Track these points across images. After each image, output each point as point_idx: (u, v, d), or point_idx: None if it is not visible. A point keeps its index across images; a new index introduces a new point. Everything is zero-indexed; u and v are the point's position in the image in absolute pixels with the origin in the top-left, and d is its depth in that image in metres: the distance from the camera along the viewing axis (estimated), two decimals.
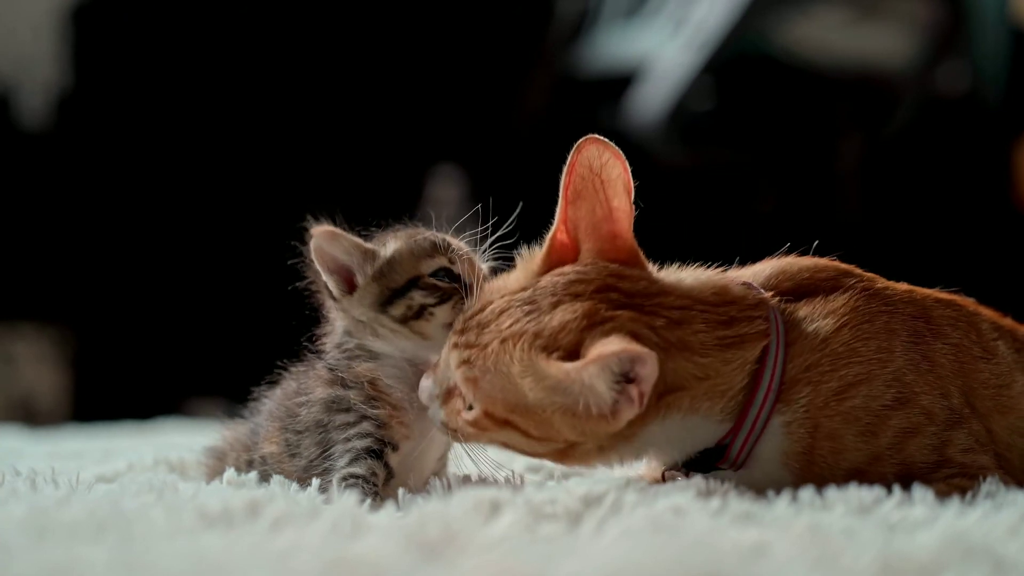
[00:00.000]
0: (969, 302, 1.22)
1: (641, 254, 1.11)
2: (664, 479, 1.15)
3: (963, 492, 1.05)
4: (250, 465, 1.25)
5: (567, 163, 1.08)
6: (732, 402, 1.07)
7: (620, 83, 3.44)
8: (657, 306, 1.06)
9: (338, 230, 1.21)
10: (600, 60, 3.58)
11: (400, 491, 1.10)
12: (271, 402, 1.26)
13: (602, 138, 1.07)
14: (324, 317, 1.25)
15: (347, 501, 1.01)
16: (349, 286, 1.20)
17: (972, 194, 3.62)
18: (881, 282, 1.17)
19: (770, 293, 1.13)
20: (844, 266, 1.18)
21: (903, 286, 1.18)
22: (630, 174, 1.08)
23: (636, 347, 0.98)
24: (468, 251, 1.20)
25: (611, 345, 0.99)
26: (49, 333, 3.74)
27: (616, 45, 3.55)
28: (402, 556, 0.81)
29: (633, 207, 1.09)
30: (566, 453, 1.08)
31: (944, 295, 1.20)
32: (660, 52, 3.38)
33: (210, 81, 3.76)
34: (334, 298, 1.21)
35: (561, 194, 1.09)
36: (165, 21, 3.77)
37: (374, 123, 3.79)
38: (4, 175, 3.74)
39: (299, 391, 1.23)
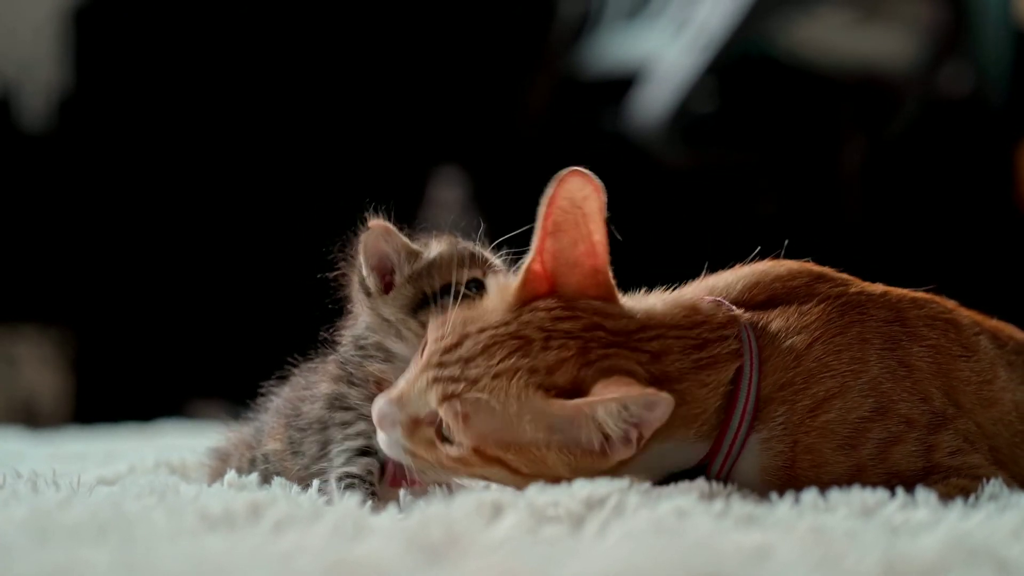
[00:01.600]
0: (950, 303, 1.21)
1: (615, 287, 1.09)
2: None
3: (966, 494, 1.05)
4: (252, 463, 1.25)
5: (547, 194, 1.05)
6: (706, 426, 1.06)
7: (622, 85, 3.44)
8: (639, 341, 1.05)
9: (392, 227, 1.19)
10: (602, 62, 3.58)
11: (401, 492, 1.09)
12: (279, 399, 1.26)
13: (585, 171, 1.05)
14: (347, 310, 1.24)
15: (349, 503, 1.01)
16: (386, 285, 1.19)
17: (975, 195, 3.62)
18: (856, 286, 1.16)
19: (742, 309, 1.11)
20: (817, 269, 1.17)
21: (878, 288, 1.17)
22: (606, 204, 1.06)
23: (656, 392, 0.98)
24: (501, 267, 1.19)
25: (628, 389, 0.99)
26: (50, 335, 3.74)
27: (618, 47, 3.55)
28: (404, 558, 0.81)
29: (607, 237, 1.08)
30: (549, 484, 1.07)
31: (921, 295, 1.19)
32: (662, 54, 3.38)
33: (212, 83, 3.77)
34: (368, 294, 1.19)
35: (539, 224, 1.06)
36: (166, 23, 3.77)
37: (376, 125, 3.79)
38: (5, 177, 3.74)
39: (307, 387, 1.23)
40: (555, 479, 1.04)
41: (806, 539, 0.85)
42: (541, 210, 1.06)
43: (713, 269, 1.18)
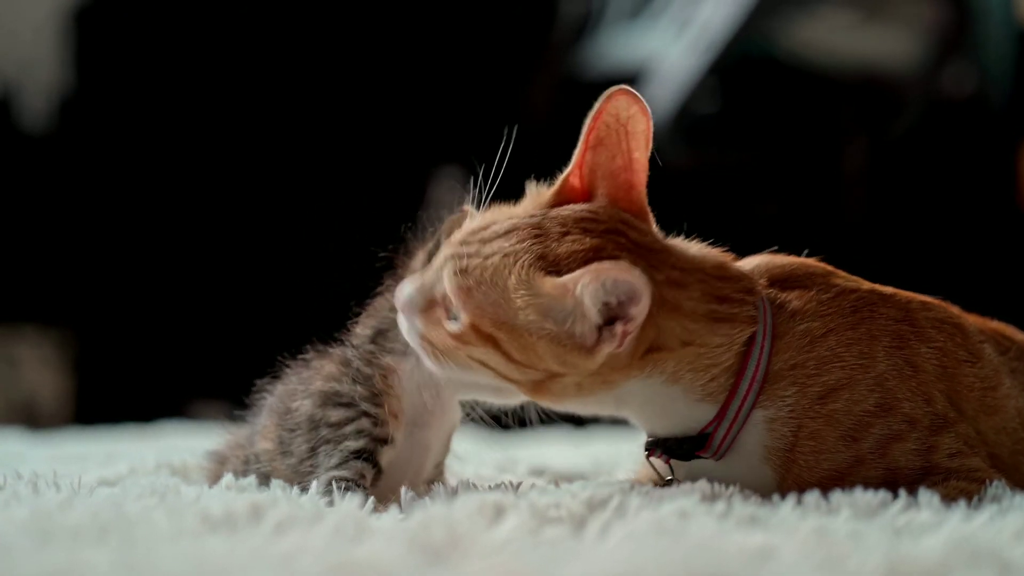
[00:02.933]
0: (954, 308, 1.21)
1: (649, 212, 1.12)
2: (651, 465, 1.15)
3: (968, 496, 1.05)
4: (246, 463, 1.24)
5: (594, 109, 1.08)
6: (715, 382, 1.07)
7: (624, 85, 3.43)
8: (660, 262, 1.07)
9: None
10: (604, 62, 3.58)
11: (403, 492, 1.09)
12: (272, 397, 1.25)
13: (632, 90, 1.08)
14: (364, 304, 1.23)
15: (350, 504, 1.01)
16: None
17: (977, 196, 3.61)
18: (867, 285, 1.17)
19: (763, 281, 1.13)
20: (830, 268, 1.18)
21: (888, 289, 1.17)
22: (652, 131, 1.09)
23: (636, 276, 0.99)
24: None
25: (615, 266, 1.00)
26: (51, 336, 3.74)
27: (620, 47, 3.55)
28: (405, 559, 0.81)
29: (648, 165, 1.10)
30: (543, 385, 1.08)
31: (929, 299, 1.20)
32: (664, 54, 3.38)
33: (213, 83, 3.76)
34: None
35: (582, 138, 1.10)
36: (168, 23, 3.77)
37: (377, 125, 3.79)
38: (6, 177, 3.74)
39: (299, 383, 1.22)
40: (547, 374, 1.05)
41: (809, 540, 0.85)
42: (585, 124, 1.09)
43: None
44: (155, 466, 1.47)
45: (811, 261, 1.18)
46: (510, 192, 1.14)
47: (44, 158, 3.75)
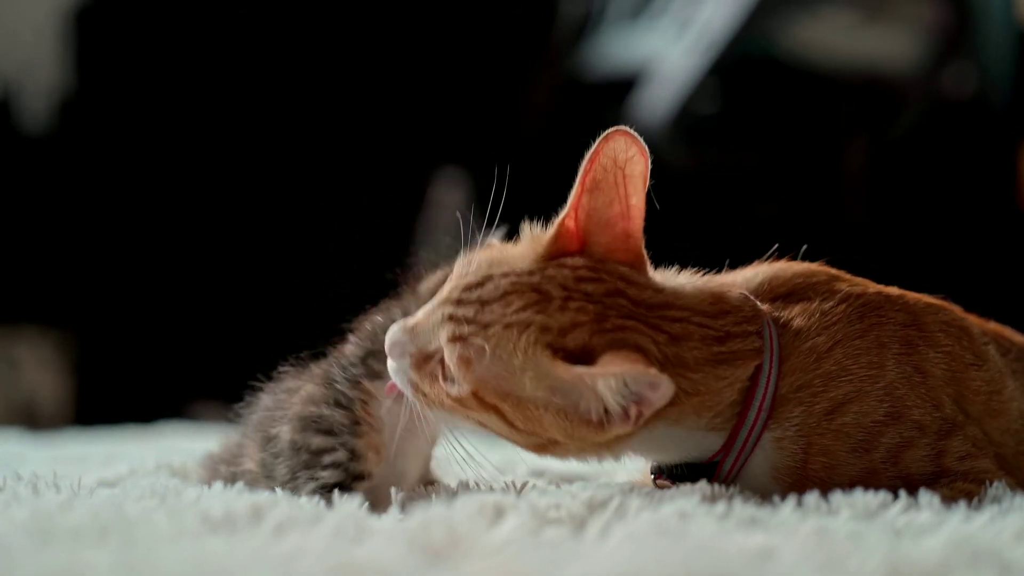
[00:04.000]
0: (957, 309, 1.21)
1: (646, 256, 1.10)
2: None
3: (969, 497, 1.05)
4: (234, 479, 1.23)
5: (591, 150, 1.05)
6: (719, 418, 1.06)
7: (625, 85, 3.43)
8: (660, 319, 1.05)
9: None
10: (605, 62, 3.58)
11: (402, 495, 1.09)
12: (259, 412, 1.22)
13: (631, 131, 1.06)
14: (356, 322, 1.20)
15: (350, 505, 1.01)
16: None
17: (978, 197, 3.61)
18: (873, 287, 1.15)
19: (766, 305, 1.11)
20: (834, 271, 1.17)
21: (895, 291, 1.16)
22: (649, 172, 1.07)
23: (658, 374, 0.98)
24: None
25: (634, 366, 0.98)
26: (51, 337, 3.74)
27: (621, 47, 3.55)
28: (406, 560, 0.81)
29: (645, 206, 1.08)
30: (544, 448, 1.07)
31: (934, 300, 1.19)
32: (665, 54, 3.38)
33: (213, 84, 3.76)
34: None
35: (579, 180, 1.07)
36: (168, 24, 3.77)
37: (377, 125, 3.79)
38: (6, 178, 3.73)
39: (276, 407, 1.19)
40: (549, 440, 1.05)
41: (809, 541, 0.85)
42: (582, 166, 1.06)
43: (715, 271, 1.17)
44: (155, 467, 1.47)
45: (814, 267, 1.17)
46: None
47: (44, 159, 3.75)
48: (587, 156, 1.06)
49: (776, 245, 1.19)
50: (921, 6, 3.32)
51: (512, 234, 1.15)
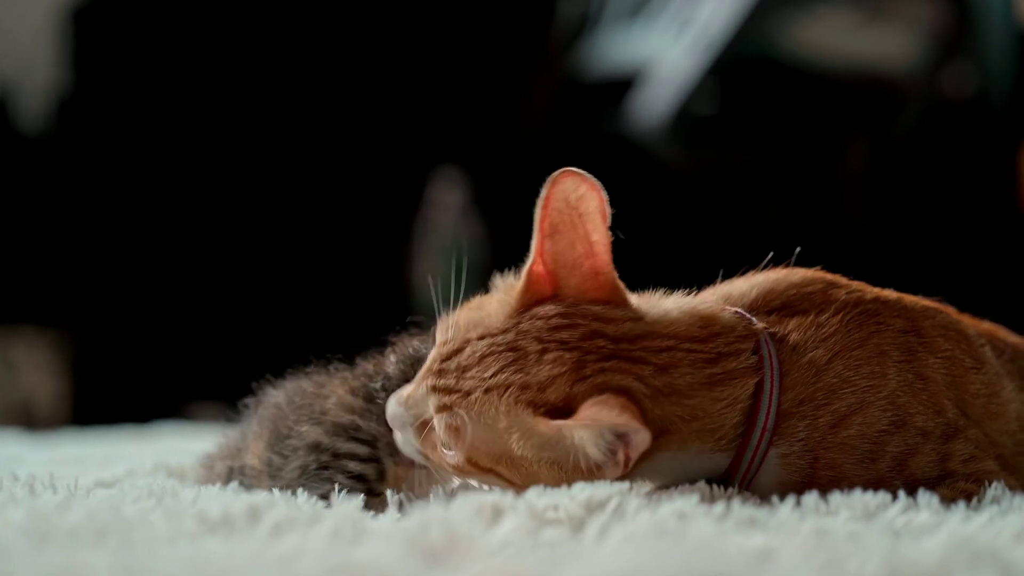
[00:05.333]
0: (952, 311, 1.20)
1: (622, 287, 1.08)
2: None
3: (968, 497, 1.04)
4: (231, 473, 1.22)
5: (542, 196, 1.04)
6: (724, 440, 1.05)
7: (624, 86, 3.43)
8: (643, 350, 1.03)
9: None
10: (603, 63, 3.58)
11: (401, 496, 1.09)
12: (265, 410, 1.22)
13: (578, 170, 1.03)
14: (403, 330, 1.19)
15: (348, 506, 1.01)
16: None
17: (978, 197, 3.61)
18: (870, 292, 1.14)
19: (761, 324, 1.10)
20: (830, 277, 1.16)
21: (892, 295, 1.16)
22: (607, 203, 1.04)
23: (632, 422, 0.97)
24: None
25: (607, 414, 0.97)
26: (49, 337, 3.74)
27: (619, 48, 3.55)
28: (404, 561, 0.81)
29: (611, 236, 1.05)
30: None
31: (931, 303, 1.18)
32: (664, 55, 3.38)
33: (211, 84, 3.76)
34: None
35: (537, 227, 1.05)
36: (166, 23, 3.77)
37: (376, 125, 3.79)
38: (3, 178, 3.74)
39: (301, 407, 1.18)
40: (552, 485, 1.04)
41: (808, 542, 0.85)
42: (537, 212, 1.05)
43: (715, 271, 1.17)
44: (152, 468, 1.47)
45: (809, 275, 1.15)
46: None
47: (41, 159, 3.75)
48: (539, 202, 1.04)
49: (771, 254, 1.17)
50: (921, 6, 3.32)
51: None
